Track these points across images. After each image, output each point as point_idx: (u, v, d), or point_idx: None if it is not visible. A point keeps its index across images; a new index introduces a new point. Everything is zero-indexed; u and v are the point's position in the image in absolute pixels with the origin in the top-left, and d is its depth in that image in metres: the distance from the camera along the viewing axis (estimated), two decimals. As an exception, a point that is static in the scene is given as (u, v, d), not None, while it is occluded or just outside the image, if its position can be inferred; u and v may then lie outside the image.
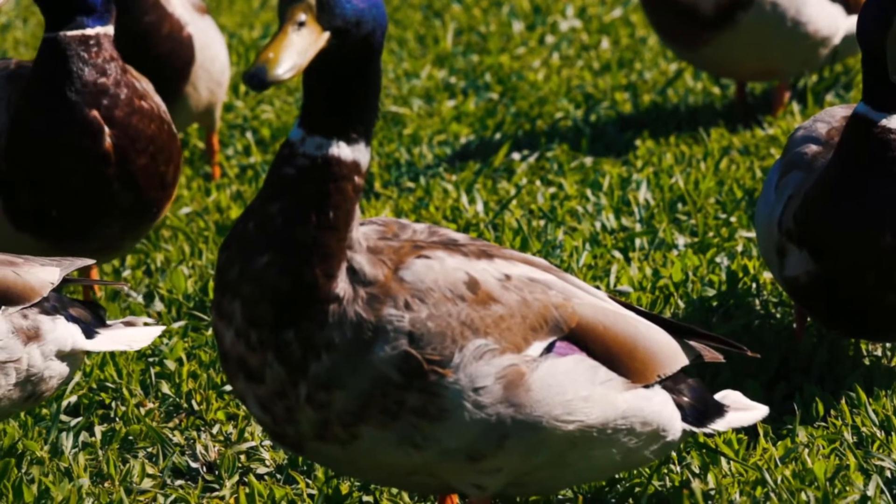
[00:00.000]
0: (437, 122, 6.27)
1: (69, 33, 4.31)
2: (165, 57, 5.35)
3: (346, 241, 2.92)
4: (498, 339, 2.97)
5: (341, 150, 2.91)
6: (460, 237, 3.12)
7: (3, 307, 3.38)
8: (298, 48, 2.81)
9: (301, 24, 2.84)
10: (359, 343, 2.90)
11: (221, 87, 5.61)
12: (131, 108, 4.36)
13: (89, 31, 4.33)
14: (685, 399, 3.22)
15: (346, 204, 2.91)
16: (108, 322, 3.64)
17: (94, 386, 4.16)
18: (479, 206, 5.30)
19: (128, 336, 3.65)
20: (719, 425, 3.27)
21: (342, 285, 2.91)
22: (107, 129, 4.33)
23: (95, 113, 4.31)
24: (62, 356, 3.48)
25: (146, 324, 3.73)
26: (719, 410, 3.28)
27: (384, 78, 6.81)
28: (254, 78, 2.76)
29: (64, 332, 3.49)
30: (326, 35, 2.85)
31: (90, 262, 3.67)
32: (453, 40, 7.43)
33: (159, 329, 3.71)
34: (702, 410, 3.24)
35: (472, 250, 3.05)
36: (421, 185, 5.60)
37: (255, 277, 2.91)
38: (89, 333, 3.57)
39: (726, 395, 3.34)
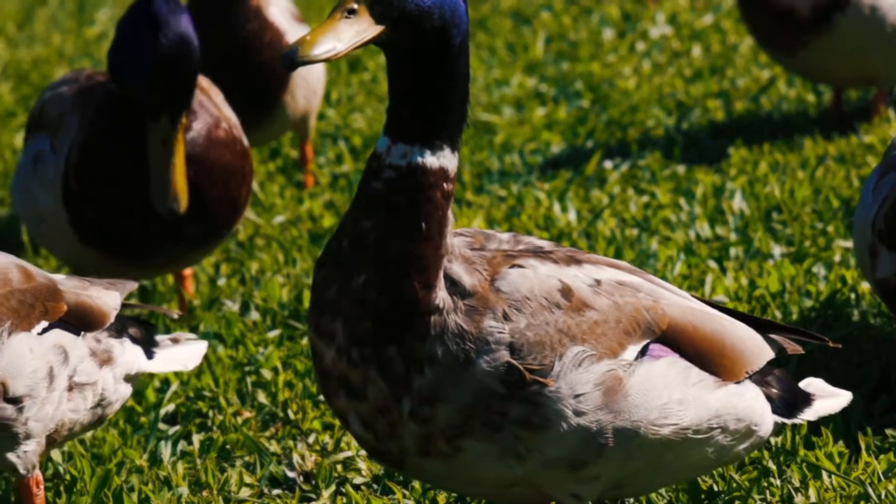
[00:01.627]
0: (528, 131, 6.25)
1: None
2: (266, 65, 5.38)
3: (441, 249, 2.91)
4: (594, 345, 2.96)
5: (426, 158, 2.88)
6: (545, 244, 3.11)
7: (82, 332, 3.40)
8: (340, 35, 2.77)
9: (351, 12, 2.80)
10: (461, 355, 2.89)
11: (317, 96, 5.63)
12: (209, 142, 4.38)
13: None
14: (774, 391, 3.20)
15: (437, 212, 2.89)
16: (157, 338, 3.66)
17: (192, 395, 4.19)
18: (572, 215, 5.28)
19: (180, 355, 3.68)
20: (808, 414, 3.24)
21: (441, 295, 2.90)
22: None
23: None
24: (128, 379, 3.51)
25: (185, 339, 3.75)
26: (806, 399, 3.26)
27: (474, 86, 6.81)
28: (285, 58, 2.74)
29: (131, 356, 3.52)
30: (378, 28, 2.81)
31: (135, 285, 3.70)
32: (543, 48, 7.41)
33: (204, 344, 3.73)
34: (790, 401, 3.23)
35: (560, 257, 3.04)
36: (512, 193, 5.59)
37: (354, 297, 2.89)
38: (148, 354, 3.60)
39: (810, 383, 3.32)
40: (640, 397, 2.98)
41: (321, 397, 4.12)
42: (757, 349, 3.16)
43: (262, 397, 4.14)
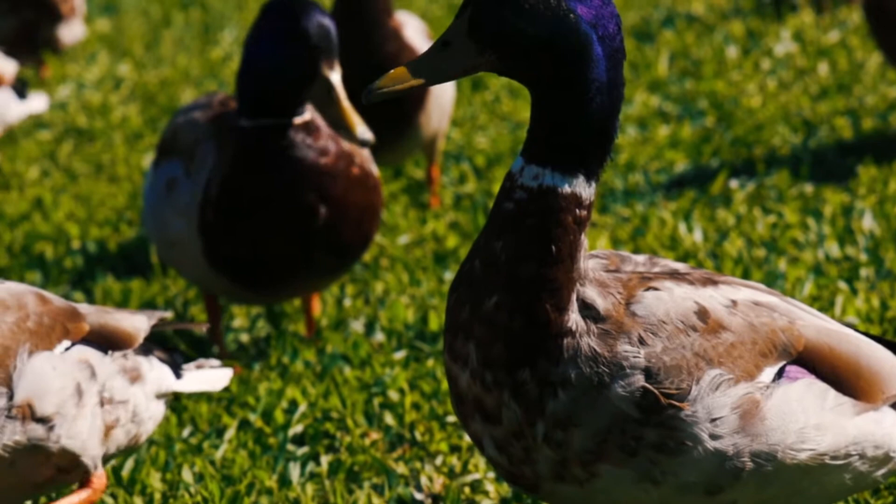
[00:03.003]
0: (652, 149, 6.21)
1: (295, 120, 4.37)
2: None
3: (573, 273, 2.88)
4: (731, 368, 2.92)
5: (557, 182, 2.85)
6: (681, 266, 3.08)
7: (109, 351, 3.42)
8: (427, 67, 2.81)
9: (445, 44, 2.82)
10: (594, 379, 2.86)
11: (448, 117, 5.66)
12: (347, 182, 4.41)
13: (307, 117, 4.39)
14: None
15: (568, 237, 2.86)
16: (183, 366, 3.67)
17: (319, 416, 4.21)
18: (698, 235, 5.24)
19: (209, 377, 3.68)
20: None
21: (574, 317, 2.88)
22: (322, 210, 4.39)
23: (313, 197, 4.37)
24: (159, 396, 3.52)
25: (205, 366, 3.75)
26: None
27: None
28: (367, 92, 2.81)
29: (159, 373, 3.53)
30: (466, 63, 2.81)
31: (167, 314, 3.71)
32: (667, 66, 7.36)
33: (230, 371, 3.73)
34: None
35: (696, 278, 3.01)
36: (637, 213, 5.55)
37: (486, 319, 2.87)
38: (177, 374, 3.61)
39: None
40: (778, 421, 2.94)
41: (448, 419, 4.12)
42: (894, 372, 3.10)
43: (389, 419, 4.15)
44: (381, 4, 5.36)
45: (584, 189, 2.87)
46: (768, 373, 2.96)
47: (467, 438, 4.01)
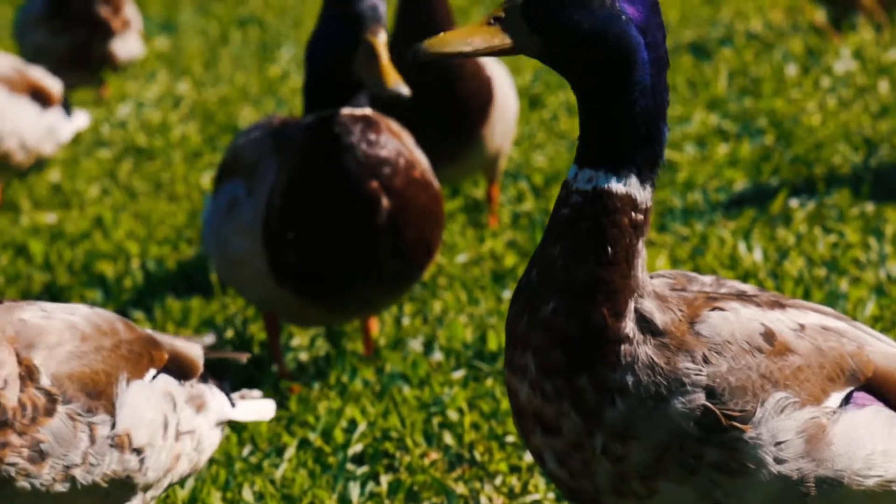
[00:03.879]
0: (711, 168, 6.19)
1: (354, 112, 4.40)
2: (469, 97, 5.42)
3: (630, 279, 2.87)
4: (797, 392, 2.90)
5: (611, 183, 2.86)
6: (748, 288, 3.06)
7: (181, 380, 3.40)
8: (473, 39, 2.81)
9: (497, 19, 2.83)
10: (652, 388, 2.85)
11: (511, 135, 5.66)
12: (408, 179, 4.42)
13: (367, 111, 4.41)
14: None
15: (624, 239, 2.86)
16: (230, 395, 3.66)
17: (378, 435, 4.21)
18: (758, 255, 5.21)
19: (257, 406, 3.67)
20: None
21: (630, 325, 2.86)
22: (384, 201, 4.39)
23: (375, 184, 4.38)
24: (218, 424, 3.50)
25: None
26: None
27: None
28: (411, 51, 2.82)
29: (220, 402, 3.51)
30: (510, 41, 2.82)
31: (211, 339, 3.70)
32: (726, 84, 7.33)
33: (272, 403, 3.70)
34: None
35: (764, 301, 2.99)
36: (696, 232, 5.53)
37: (543, 325, 2.87)
38: (231, 403, 3.59)
39: None
40: (844, 446, 2.91)
41: (508, 439, 4.11)
42: None
43: (448, 438, 4.14)
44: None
45: (639, 192, 2.87)
46: (835, 398, 2.93)
47: (527, 458, 4.00)
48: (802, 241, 5.29)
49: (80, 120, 6.76)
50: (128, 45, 8.38)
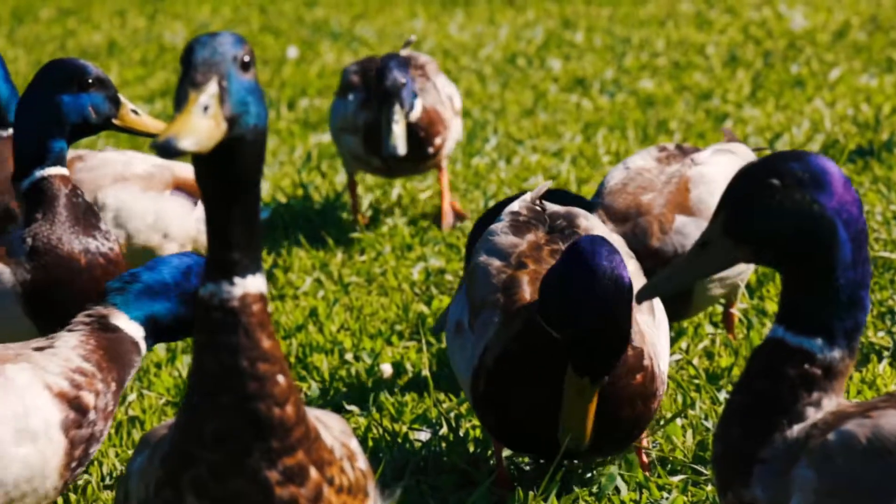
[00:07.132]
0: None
1: None
2: None
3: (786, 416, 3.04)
4: None
5: (800, 341, 3.04)
6: None
7: None
8: (693, 266, 3.11)
9: (704, 244, 3.10)
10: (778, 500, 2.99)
11: (741, 286, 5.47)
12: (630, 407, 4.26)
13: None
14: None
15: (798, 389, 3.04)
16: None
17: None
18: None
19: None
20: None
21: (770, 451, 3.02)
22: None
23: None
24: None
25: None
26: None
27: (870, 219, 6.64)
28: (644, 289, 3.19)
29: None
30: (731, 252, 3.09)
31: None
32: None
33: None
34: None
35: None
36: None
37: (724, 441, 3.10)
38: None
39: None
40: None
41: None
42: None
43: (668, 545, 4.09)
44: None
45: (826, 352, 3.04)
46: None
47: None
48: None
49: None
50: None
